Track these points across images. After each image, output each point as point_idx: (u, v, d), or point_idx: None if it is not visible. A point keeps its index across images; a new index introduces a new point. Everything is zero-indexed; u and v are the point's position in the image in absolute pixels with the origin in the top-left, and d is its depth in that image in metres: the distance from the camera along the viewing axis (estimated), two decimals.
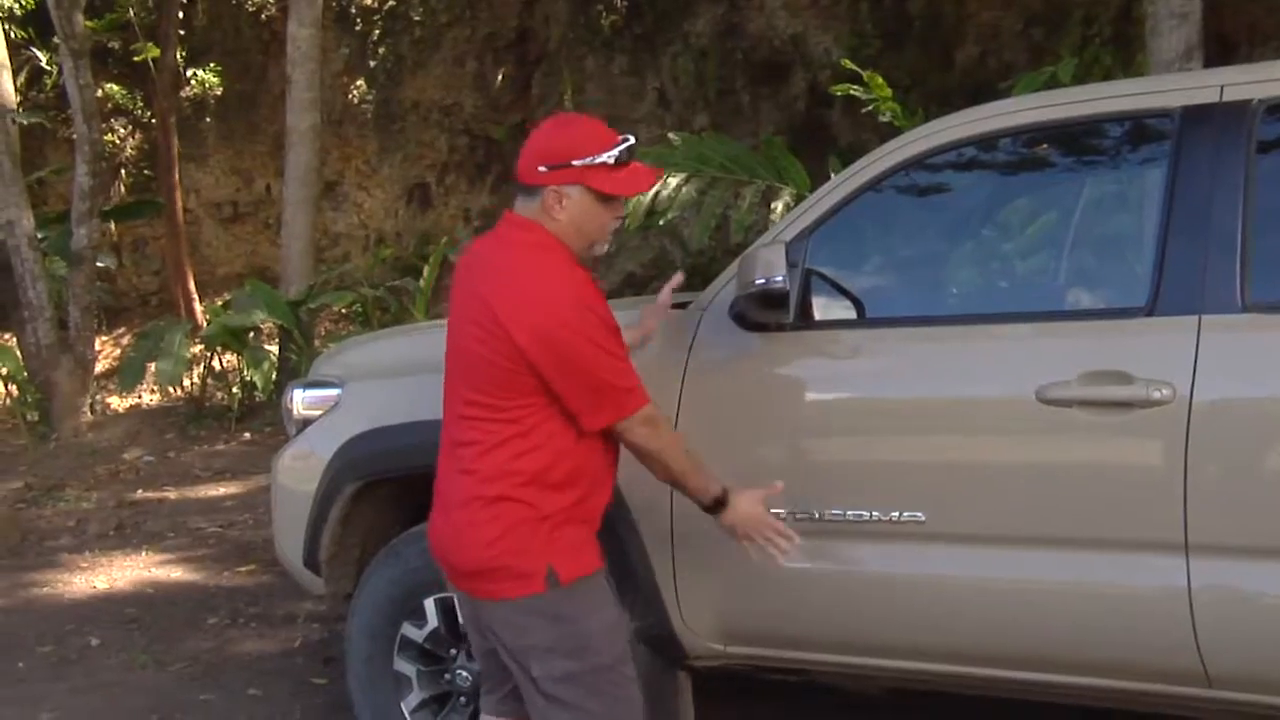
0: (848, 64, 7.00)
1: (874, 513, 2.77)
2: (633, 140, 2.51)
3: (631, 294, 9.29)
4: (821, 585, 2.90)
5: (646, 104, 10.17)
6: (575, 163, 2.44)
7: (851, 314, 3.00)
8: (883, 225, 3.12)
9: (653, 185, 2.64)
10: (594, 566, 2.52)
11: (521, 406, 2.41)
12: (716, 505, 2.58)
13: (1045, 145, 3.04)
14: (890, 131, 6.06)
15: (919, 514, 2.71)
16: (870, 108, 6.77)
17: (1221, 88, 2.71)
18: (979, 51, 8.65)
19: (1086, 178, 3.23)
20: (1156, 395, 2.54)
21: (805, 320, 2.90)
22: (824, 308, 2.95)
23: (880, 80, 6.59)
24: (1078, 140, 3.02)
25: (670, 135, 7.49)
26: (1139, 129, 2.90)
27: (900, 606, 2.81)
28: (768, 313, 2.84)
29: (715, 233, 7.55)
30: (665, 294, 3.04)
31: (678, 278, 3.10)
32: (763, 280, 2.73)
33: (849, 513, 2.81)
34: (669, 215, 6.91)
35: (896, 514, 2.72)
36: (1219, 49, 6.58)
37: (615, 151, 2.46)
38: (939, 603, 2.76)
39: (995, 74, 8.09)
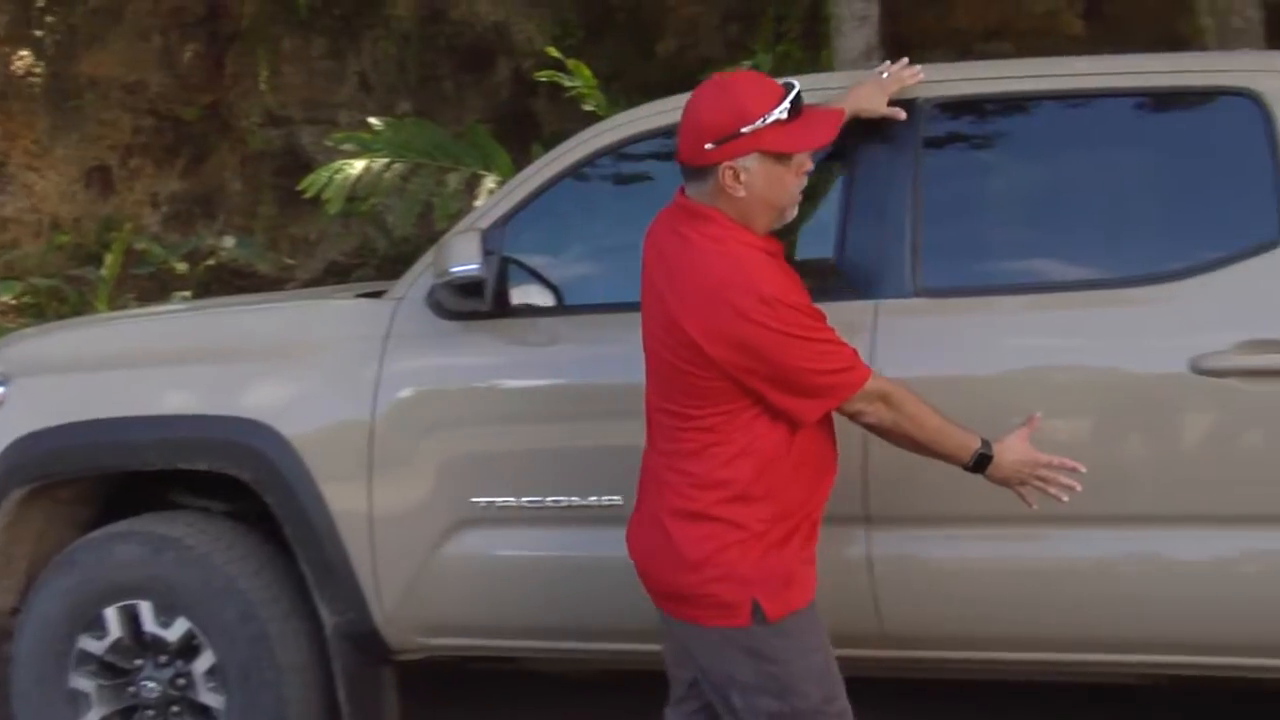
0: (552, 52, 7.04)
1: (574, 497, 2.79)
2: (798, 85, 2.26)
3: (334, 282, 9.03)
4: (523, 572, 2.90)
5: (348, 88, 9.90)
6: (744, 130, 2.18)
7: (549, 301, 3.02)
8: (580, 213, 3.14)
9: (837, 132, 2.36)
10: (803, 601, 2.29)
11: (716, 414, 2.21)
12: (981, 461, 2.33)
13: None
14: (594, 120, 6.12)
15: (616, 497, 2.74)
16: (573, 94, 6.84)
17: None
18: (678, 44, 8.91)
19: None
20: None
21: (502, 308, 2.89)
22: (521, 295, 2.95)
23: (586, 70, 6.66)
24: None
25: (371, 120, 7.32)
26: None
27: (601, 589, 2.83)
28: (464, 300, 2.82)
29: (419, 220, 7.45)
30: (906, 74, 2.82)
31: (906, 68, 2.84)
32: (458, 268, 2.71)
33: (548, 499, 2.82)
34: (371, 201, 6.76)
35: (595, 498, 2.75)
36: (896, 50, 7.01)
37: (785, 104, 2.20)
38: (635, 584, 2.81)
39: (694, 66, 8.33)
